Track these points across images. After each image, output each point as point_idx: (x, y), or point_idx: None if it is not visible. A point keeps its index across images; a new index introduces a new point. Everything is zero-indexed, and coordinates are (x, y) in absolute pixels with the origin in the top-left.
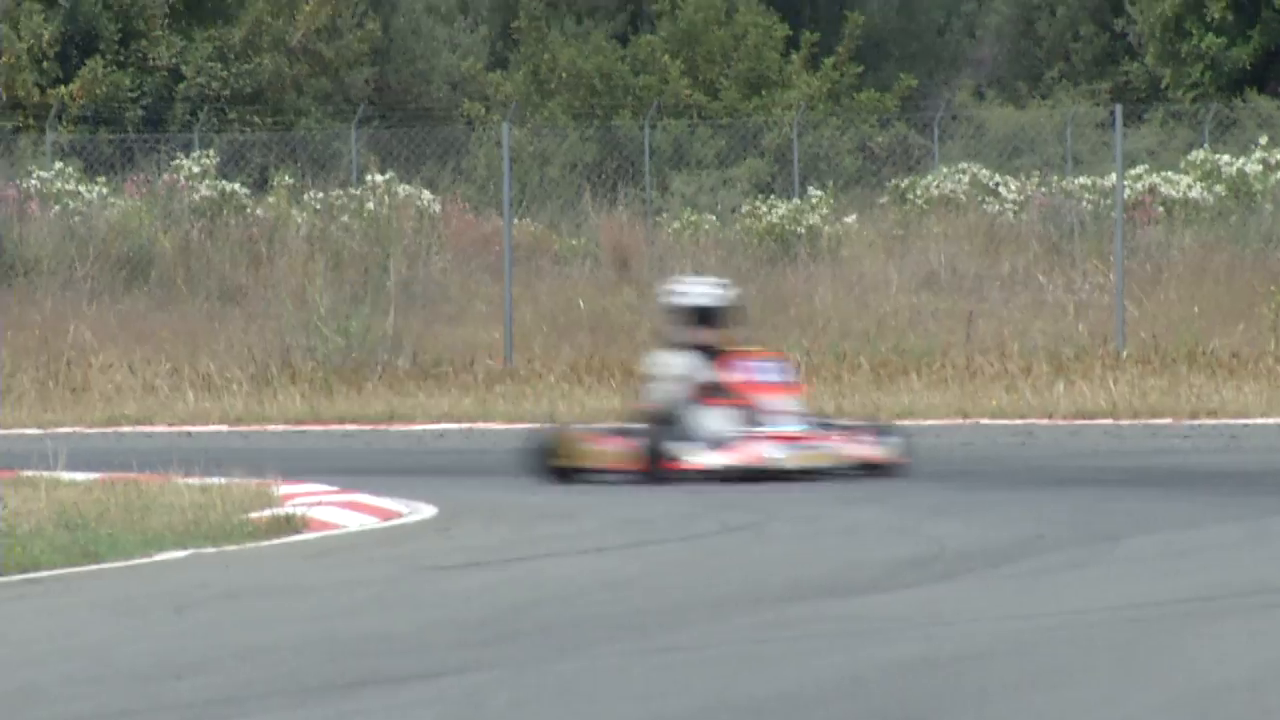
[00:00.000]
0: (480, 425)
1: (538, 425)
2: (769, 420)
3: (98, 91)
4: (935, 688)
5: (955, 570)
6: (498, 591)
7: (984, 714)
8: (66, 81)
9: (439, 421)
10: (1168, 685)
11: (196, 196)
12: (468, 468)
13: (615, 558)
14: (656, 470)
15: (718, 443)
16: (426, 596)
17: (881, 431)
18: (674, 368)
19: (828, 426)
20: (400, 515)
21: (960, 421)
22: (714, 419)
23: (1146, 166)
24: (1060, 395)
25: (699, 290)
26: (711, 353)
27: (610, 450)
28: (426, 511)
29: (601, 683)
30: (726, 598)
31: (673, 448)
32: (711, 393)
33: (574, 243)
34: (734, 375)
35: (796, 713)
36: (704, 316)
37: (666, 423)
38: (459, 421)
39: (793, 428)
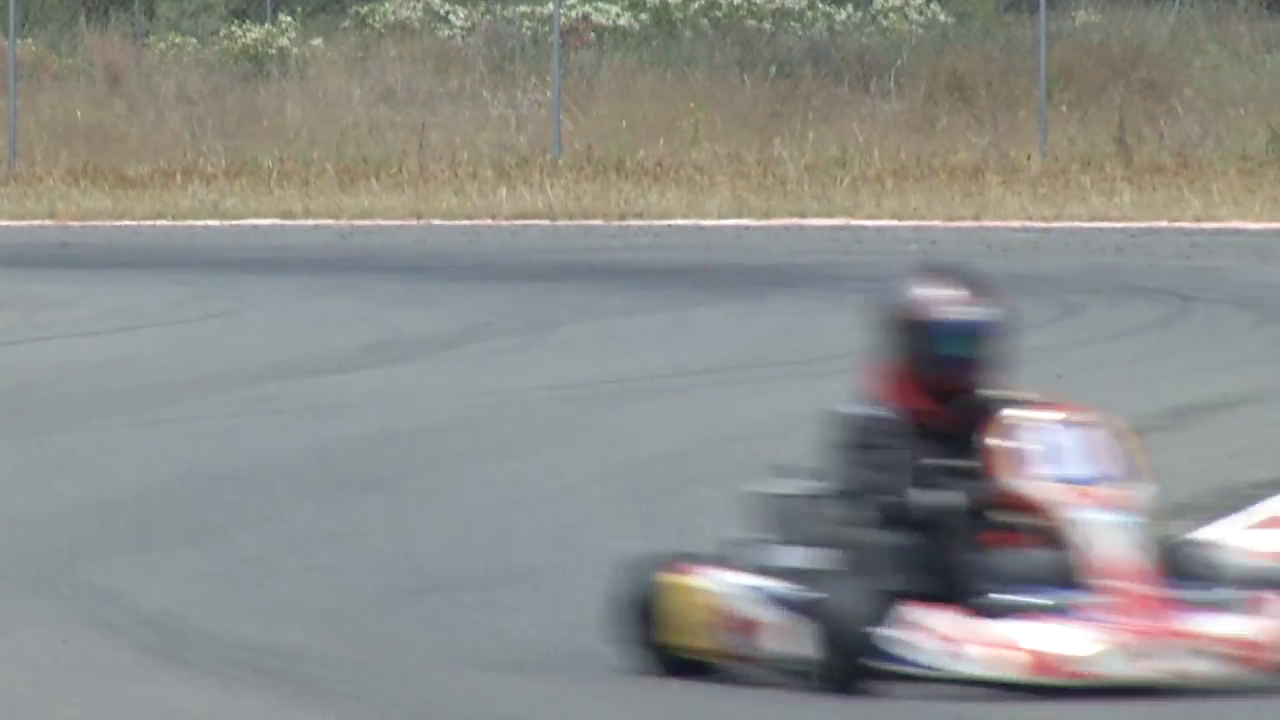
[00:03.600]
0: None
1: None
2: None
3: None
4: (394, 458)
5: (412, 354)
6: (3, 372)
7: (439, 480)
8: None
9: None
10: (602, 457)
11: None
12: None
13: (109, 341)
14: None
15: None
16: None
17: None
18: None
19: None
20: None
21: (415, 222)
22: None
23: None
24: (504, 199)
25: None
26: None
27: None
28: None
29: (98, 452)
30: (208, 377)
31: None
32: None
33: (70, 61)
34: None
35: (271, 479)
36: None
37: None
38: None
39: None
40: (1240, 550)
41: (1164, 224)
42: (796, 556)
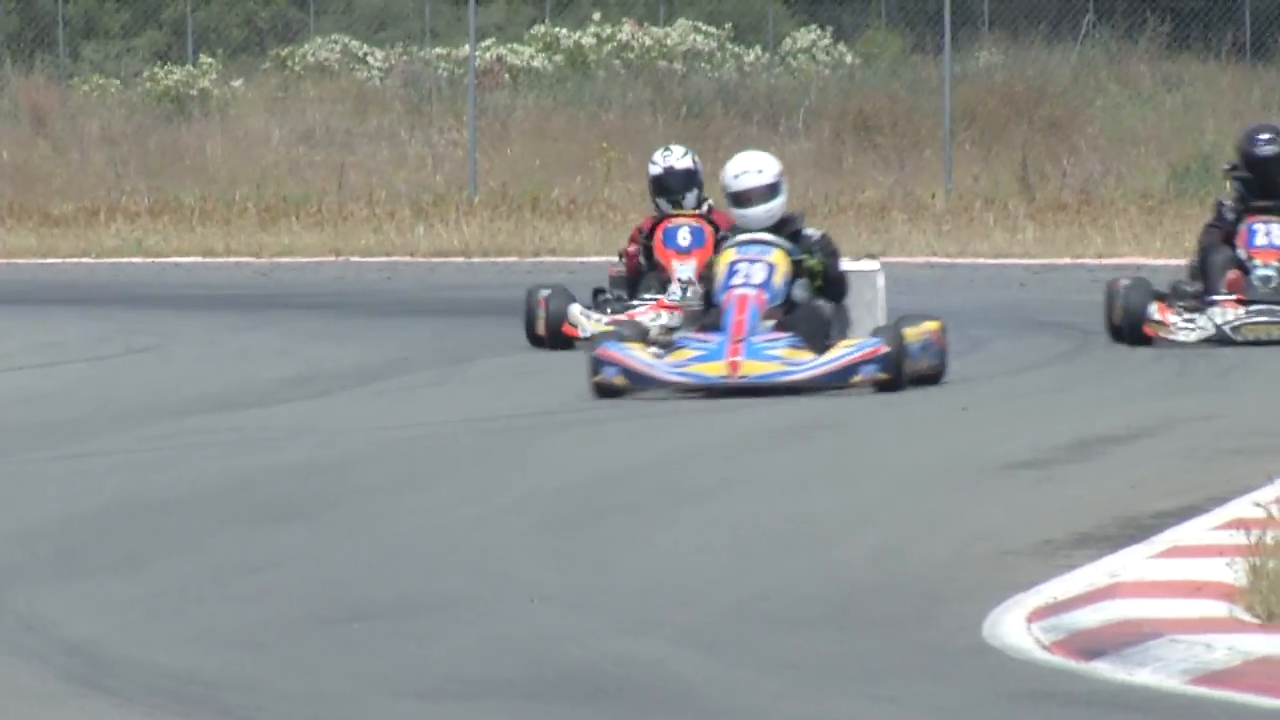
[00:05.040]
0: None
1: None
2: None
3: None
4: (314, 489)
5: (331, 388)
6: None
7: (359, 511)
8: None
9: None
10: (517, 487)
11: None
12: None
13: (31, 376)
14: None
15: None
16: None
17: None
18: None
19: None
20: None
21: (334, 259)
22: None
23: (495, 39)
24: (421, 236)
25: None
26: None
27: None
28: None
29: (21, 484)
30: (130, 410)
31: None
32: None
33: None
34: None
35: (192, 510)
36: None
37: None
38: None
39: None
40: None
41: (1066, 260)
42: None
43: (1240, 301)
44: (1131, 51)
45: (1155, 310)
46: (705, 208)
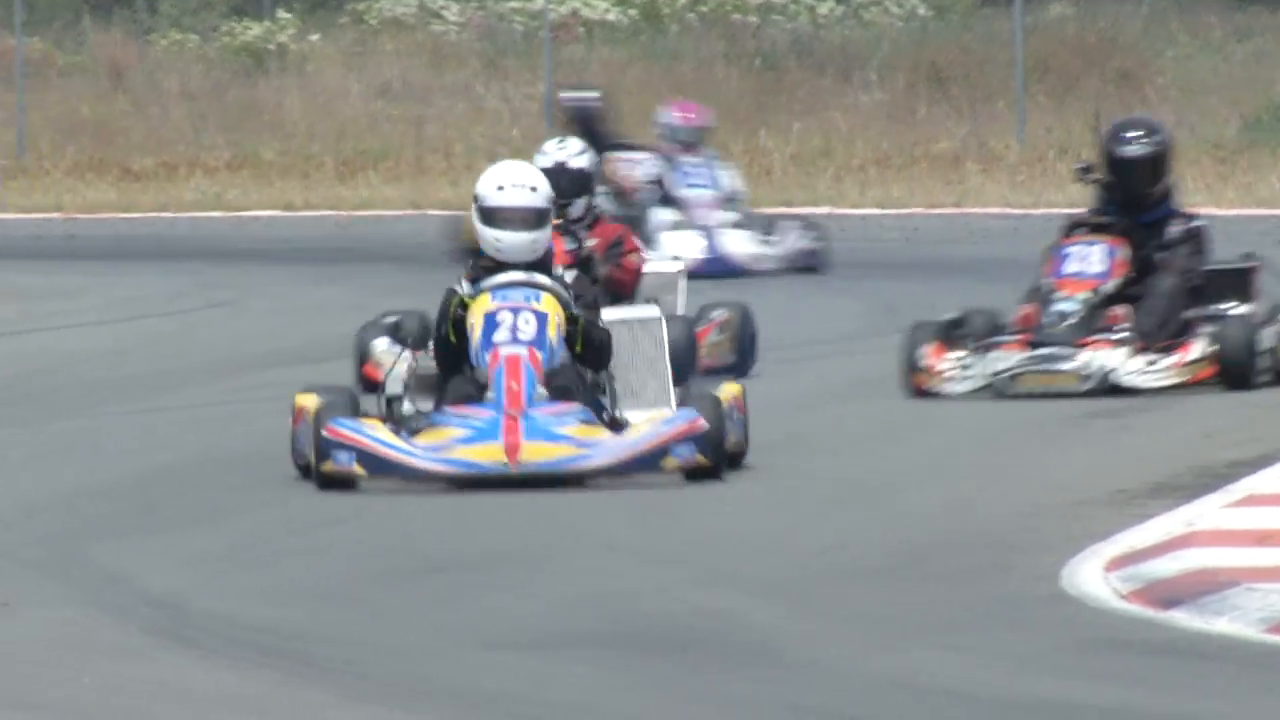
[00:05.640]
0: None
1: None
2: None
3: None
4: None
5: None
6: (11, 361)
7: None
8: None
9: None
10: None
11: None
12: None
13: (111, 330)
14: None
15: None
16: None
17: None
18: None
19: None
20: None
21: (412, 212)
22: None
23: None
24: None
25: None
26: None
27: None
28: None
29: (103, 438)
30: (209, 364)
31: None
32: None
33: (75, 58)
34: None
35: (273, 463)
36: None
37: None
38: None
39: None
40: None
41: None
42: None
43: (1029, 343)
44: (1201, 2)
45: (926, 355)
46: (590, 219)
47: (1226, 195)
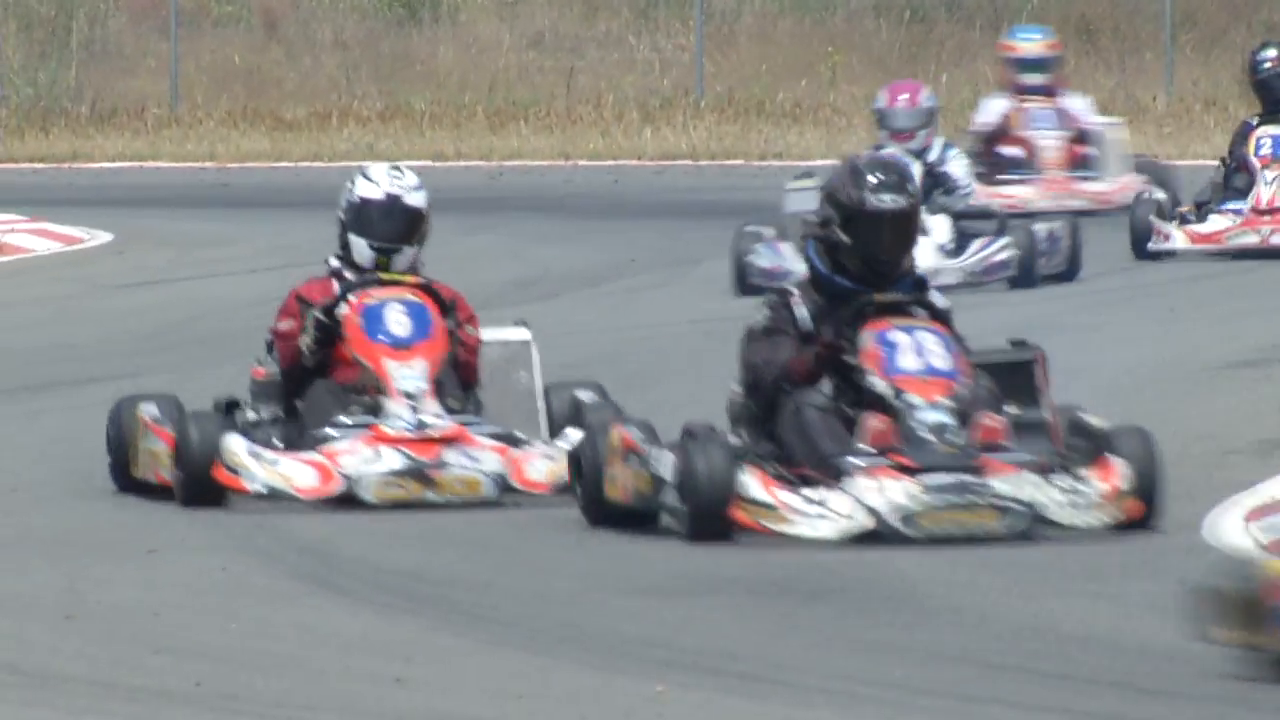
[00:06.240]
0: (150, 164)
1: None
2: None
3: None
4: None
5: (558, 289)
6: (164, 308)
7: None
8: None
9: (115, 161)
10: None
11: None
12: (140, 200)
13: (265, 278)
14: None
15: None
16: (104, 311)
17: None
18: None
19: None
20: (82, 241)
21: (562, 163)
22: None
23: None
24: (648, 139)
25: None
26: None
27: None
28: (104, 238)
29: None
30: None
31: None
32: None
33: (229, 8)
34: None
35: None
36: None
37: None
38: (132, 161)
39: None
40: None
41: None
42: None
43: (903, 468)
44: None
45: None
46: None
47: None
